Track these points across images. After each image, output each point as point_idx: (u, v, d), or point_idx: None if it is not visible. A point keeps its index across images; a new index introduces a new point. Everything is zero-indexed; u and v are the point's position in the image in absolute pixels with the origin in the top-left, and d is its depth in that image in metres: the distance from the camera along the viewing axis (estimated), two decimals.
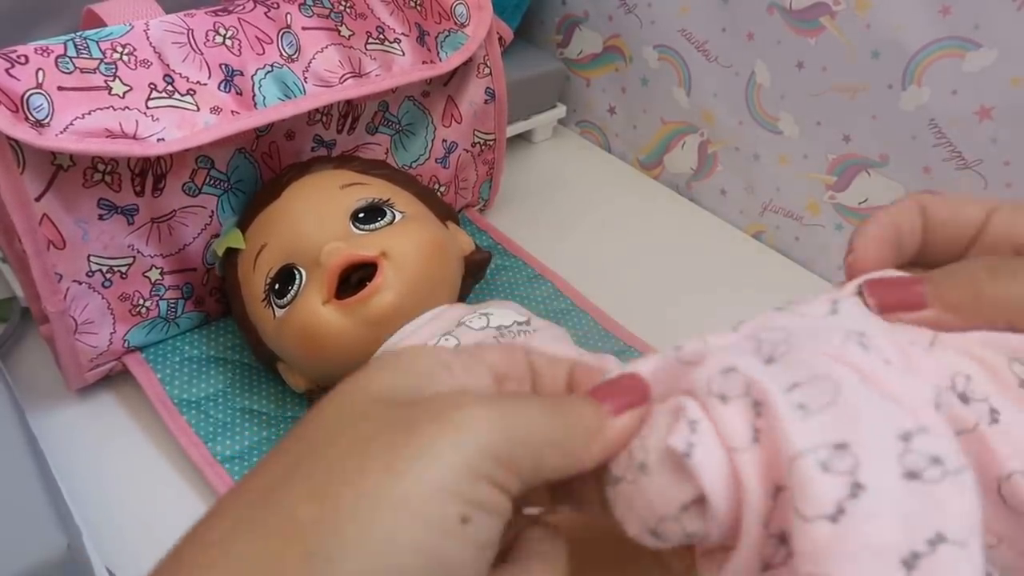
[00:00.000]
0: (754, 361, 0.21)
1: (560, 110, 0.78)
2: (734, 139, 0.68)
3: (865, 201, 0.61)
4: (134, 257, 0.48)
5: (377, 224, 0.47)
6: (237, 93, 0.47)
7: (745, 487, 0.19)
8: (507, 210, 0.69)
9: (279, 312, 0.47)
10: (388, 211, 0.48)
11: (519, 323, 0.44)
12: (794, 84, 0.61)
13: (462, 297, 0.52)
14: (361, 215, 0.47)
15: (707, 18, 0.65)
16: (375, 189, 0.49)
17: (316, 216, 0.47)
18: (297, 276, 0.46)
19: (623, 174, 0.76)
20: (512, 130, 0.74)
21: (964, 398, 0.21)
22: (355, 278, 0.45)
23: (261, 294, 0.47)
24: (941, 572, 0.17)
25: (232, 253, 0.50)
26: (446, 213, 0.54)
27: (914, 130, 0.56)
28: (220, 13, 0.49)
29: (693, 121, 0.70)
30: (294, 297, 0.46)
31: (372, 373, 0.22)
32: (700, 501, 0.20)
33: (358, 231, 0.47)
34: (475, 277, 0.54)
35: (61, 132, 0.41)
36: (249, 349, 0.52)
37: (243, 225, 0.50)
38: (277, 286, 0.47)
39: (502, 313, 0.45)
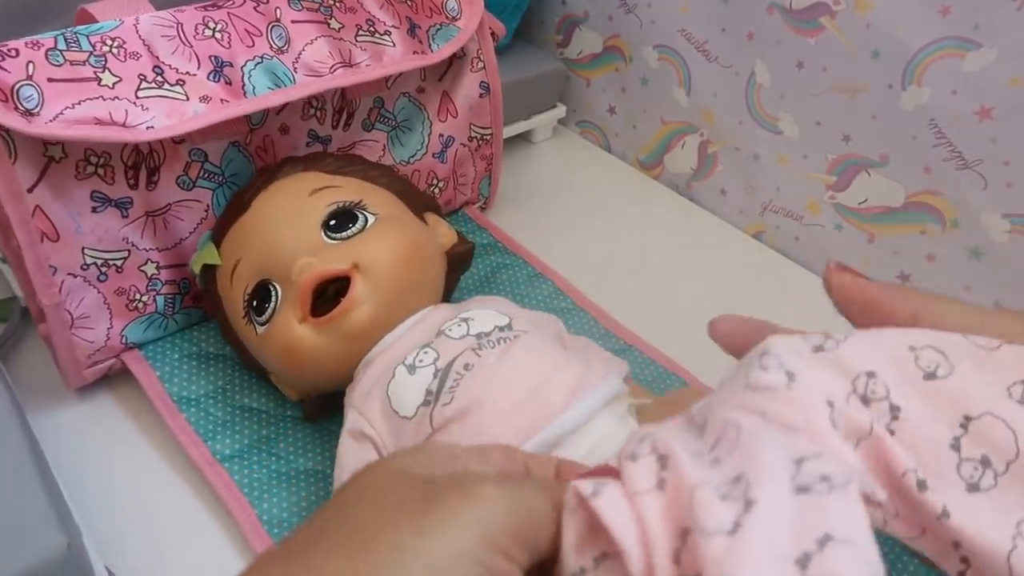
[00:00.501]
0: (687, 436, 0.24)
1: (560, 110, 0.78)
2: (734, 139, 0.68)
3: (865, 201, 0.61)
4: (129, 251, 0.48)
5: (349, 231, 0.45)
6: (227, 83, 0.47)
7: (648, 525, 0.21)
8: (507, 210, 0.69)
9: (260, 329, 0.46)
10: (360, 215, 0.46)
11: (500, 328, 0.43)
12: (794, 84, 0.61)
13: (448, 291, 0.51)
14: (332, 223, 0.46)
15: (707, 18, 0.65)
16: (346, 191, 0.48)
17: (286, 229, 0.45)
18: (273, 292, 0.45)
19: (623, 174, 0.76)
20: (512, 130, 0.74)
21: (865, 400, 0.24)
22: (332, 289, 0.44)
23: (241, 311, 0.46)
24: (831, 567, 0.19)
25: (210, 268, 0.49)
26: (424, 205, 0.52)
27: (914, 130, 0.56)
28: (210, 8, 0.49)
29: (693, 121, 0.70)
30: (272, 314, 0.45)
31: (395, 455, 0.25)
32: (601, 557, 0.22)
33: (330, 241, 0.45)
34: (460, 270, 0.53)
35: (50, 121, 0.42)
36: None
37: (217, 239, 0.48)
38: (255, 303, 0.46)
39: (483, 317, 0.44)
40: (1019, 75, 0.50)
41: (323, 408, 0.48)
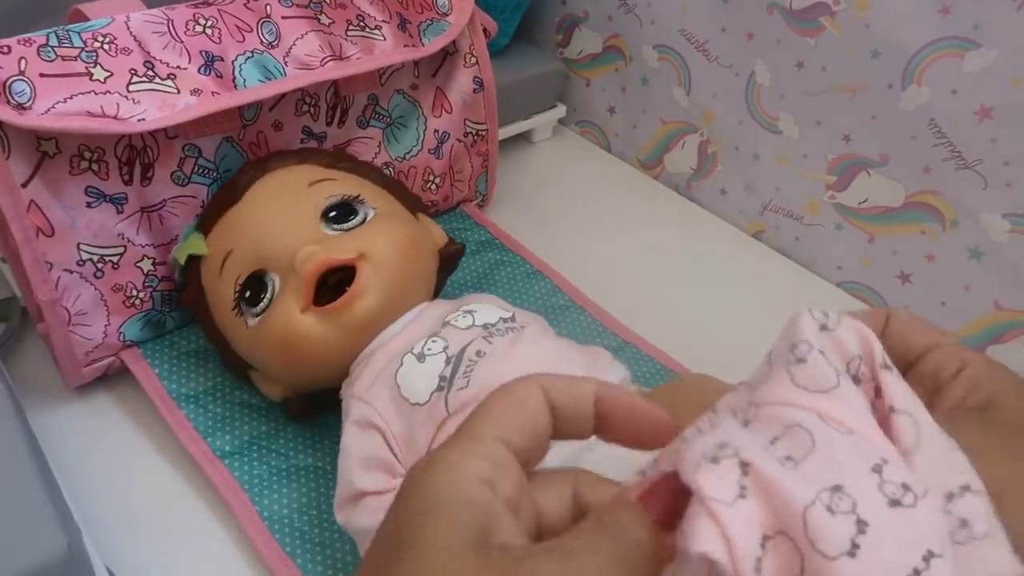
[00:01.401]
0: (735, 426, 0.24)
1: (560, 110, 0.78)
2: (734, 139, 0.68)
3: (865, 201, 0.61)
4: (125, 247, 0.48)
5: (350, 223, 0.45)
6: (217, 76, 0.48)
7: (732, 538, 0.21)
8: (507, 209, 0.69)
9: (252, 321, 0.45)
10: (360, 208, 0.46)
11: (504, 320, 0.44)
12: (794, 84, 0.61)
13: (436, 290, 0.51)
14: (332, 214, 0.46)
15: (707, 18, 0.65)
16: (343, 185, 0.47)
17: (285, 218, 0.45)
18: (269, 282, 0.45)
19: (623, 174, 0.76)
20: (512, 130, 0.74)
21: (856, 380, 0.25)
22: (332, 280, 0.43)
23: (231, 302, 0.46)
24: None
25: (194, 260, 0.48)
26: (416, 204, 0.52)
27: (914, 130, 0.56)
28: (200, 5, 0.49)
29: (693, 121, 0.70)
30: (268, 305, 0.44)
31: (442, 518, 0.21)
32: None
33: (331, 232, 0.45)
34: (449, 270, 0.53)
35: (43, 114, 0.42)
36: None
37: (204, 229, 0.48)
38: (248, 294, 0.45)
39: (486, 310, 0.44)
40: (1019, 75, 0.50)
41: (307, 407, 0.48)
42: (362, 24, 0.54)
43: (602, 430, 0.24)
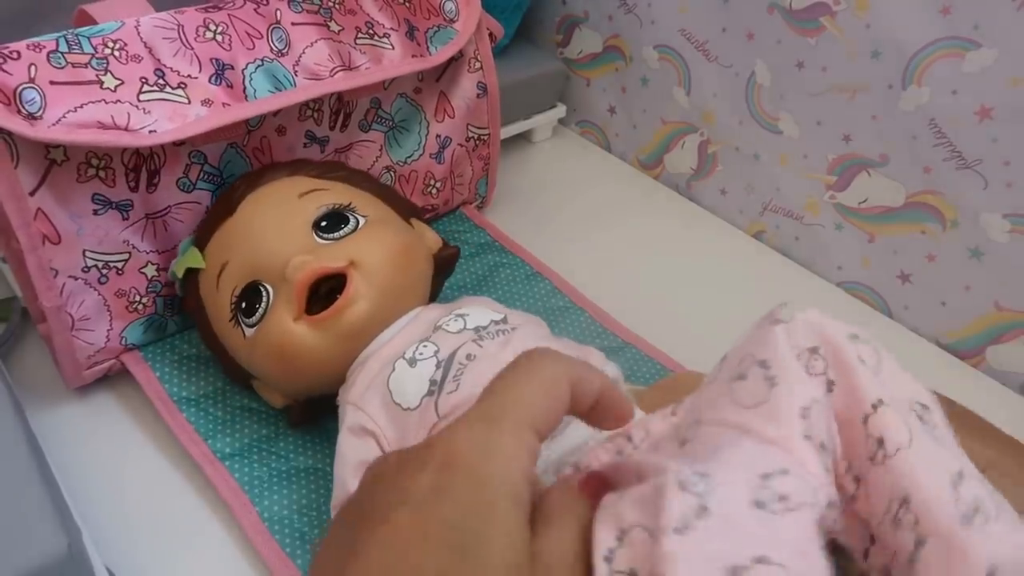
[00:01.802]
0: (673, 446, 0.26)
1: (560, 110, 0.78)
2: (734, 139, 0.68)
3: (865, 201, 0.61)
4: (130, 253, 0.48)
5: (341, 232, 0.46)
6: (228, 86, 0.48)
7: (594, 534, 0.22)
8: (507, 209, 0.69)
9: (249, 331, 0.45)
10: (351, 216, 0.47)
11: (496, 322, 0.44)
12: (794, 84, 0.61)
13: (432, 295, 0.51)
14: (323, 223, 0.46)
15: (707, 18, 0.65)
16: (334, 194, 0.48)
17: (277, 229, 0.45)
18: (264, 293, 0.45)
19: (623, 174, 0.76)
20: (512, 130, 0.74)
21: (807, 371, 0.27)
22: (324, 289, 0.44)
23: (228, 314, 0.46)
24: None
25: (192, 273, 0.48)
26: (409, 211, 0.52)
27: (914, 130, 0.56)
28: (210, 10, 0.49)
29: (693, 121, 0.70)
30: (263, 315, 0.44)
31: (500, 524, 0.22)
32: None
33: (322, 241, 0.45)
34: (445, 274, 0.53)
35: (53, 124, 0.42)
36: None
37: (200, 243, 0.48)
38: (244, 305, 0.45)
39: (478, 312, 0.44)
40: (1019, 75, 0.50)
41: (308, 414, 0.48)
42: (371, 32, 0.53)
43: (585, 415, 0.26)
